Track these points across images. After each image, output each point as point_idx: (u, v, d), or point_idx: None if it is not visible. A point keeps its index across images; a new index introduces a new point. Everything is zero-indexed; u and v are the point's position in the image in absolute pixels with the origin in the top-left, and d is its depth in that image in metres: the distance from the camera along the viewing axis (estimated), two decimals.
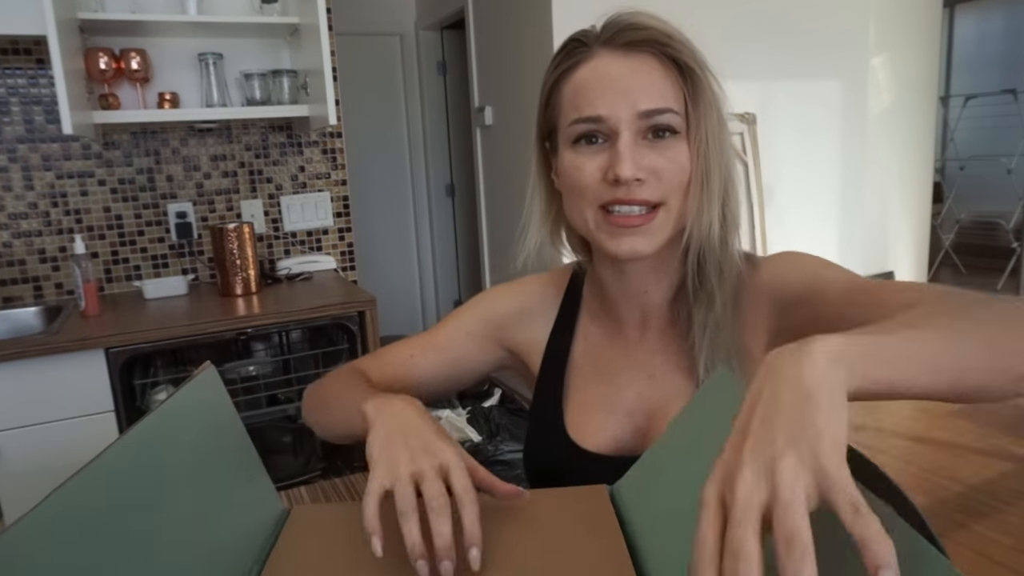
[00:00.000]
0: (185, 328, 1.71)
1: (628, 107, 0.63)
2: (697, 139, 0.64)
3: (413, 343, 0.85)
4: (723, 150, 0.66)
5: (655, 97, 0.63)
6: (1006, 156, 5.28)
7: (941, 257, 5.38)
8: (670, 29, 0.65)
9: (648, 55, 0.64)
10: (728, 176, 0.67)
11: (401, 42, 3.81)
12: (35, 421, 1.61)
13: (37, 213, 2.07)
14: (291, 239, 2.39)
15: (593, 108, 0.64)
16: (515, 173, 2.86)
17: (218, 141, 2.26)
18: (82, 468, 0.40)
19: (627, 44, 0.64)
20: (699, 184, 0.65)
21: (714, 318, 0.68)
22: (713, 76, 0.66)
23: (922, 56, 3.87)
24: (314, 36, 1.95)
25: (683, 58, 0.64)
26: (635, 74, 0.64)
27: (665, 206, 0.66)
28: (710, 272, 0.69)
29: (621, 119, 0.63)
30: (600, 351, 0.78)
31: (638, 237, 0.65)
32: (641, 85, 0.63)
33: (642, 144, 0.64)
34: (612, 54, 0.65)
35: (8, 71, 2.00)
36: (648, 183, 0.64)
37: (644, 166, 0.64)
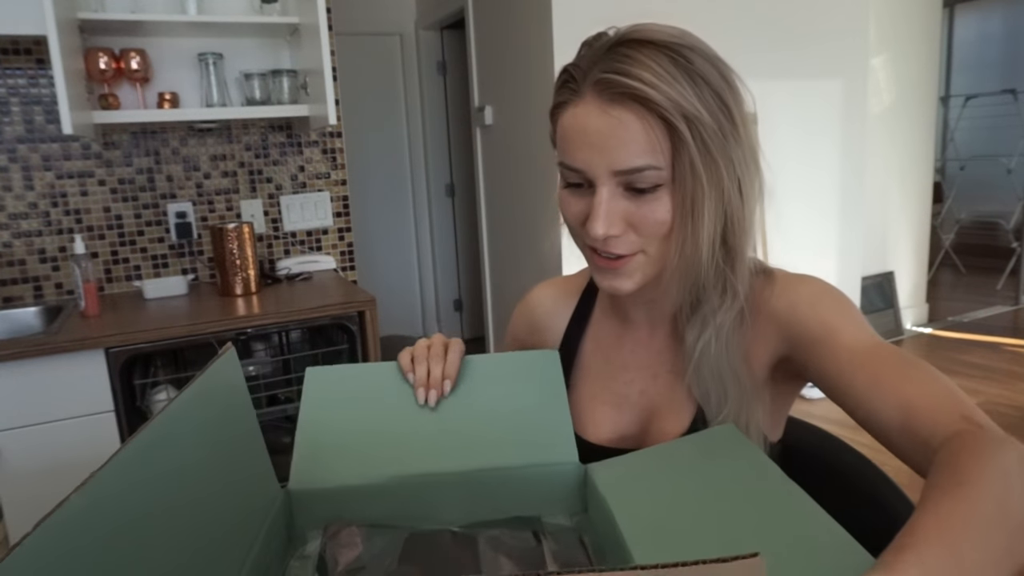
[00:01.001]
0: (185, 328, 1.71)
1: (604, 165, 0.62)
2: (682, 189, 0.62)
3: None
4: (721, 186, 0.63)
5: (632, 155, 0.61)
6: (1006, 156, 5.28)
7: (941, 257, 5.39)
8: (663, 75, 0.60)
9: (630, 111, 0.61)
10: (729, 209, 0.64)
11: (401, 42, 3.81)
12: (35, 421, 1.61)
13: (37, 213, 2.07)
14: (291, 239, 2.39)
15: (573, 159, 0.65)
16: (515, 173, 2.86)
17: (218, 141, 2.26)
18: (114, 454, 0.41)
19: (612, 96, 0.61)
20: (686, 226, 0.63)
21: (704, 340, 0.69)
22: (722, 102, 0.62)
23: (922, 56, 3.86)
24: (314, 36, 1.95)
25: (666, 114, 0.60)
26: (613, 131, 0.61)
27: (644, 252, 0.66)
28: (707, 299, 0.69)
29: (598, 174, 0.63)
30: (610, 347, 0.80)
31: (618, 278, 0.67)
32: (619, 143, 0.61)
33: (620, 196, 0.64)
34: (596, 102, 0.62)
35: (8, 71, 2.00)
36: (624, 236, 0.64)
37: (619, 220, 0.64)
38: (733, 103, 0.63)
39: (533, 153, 2.66)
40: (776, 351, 0.69)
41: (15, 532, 1.61)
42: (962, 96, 5.53)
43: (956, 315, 4.34)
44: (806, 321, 0.65)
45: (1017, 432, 2.71)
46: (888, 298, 3.95)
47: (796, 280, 0.70)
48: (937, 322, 4.20)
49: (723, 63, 0.64)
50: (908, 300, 4.08)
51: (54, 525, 0.34)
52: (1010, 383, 3.21)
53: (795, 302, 0.67)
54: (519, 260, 2.92)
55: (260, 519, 0.59)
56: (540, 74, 2.51)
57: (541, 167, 2.61)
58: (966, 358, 3.56)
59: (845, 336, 0.62)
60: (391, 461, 0.66)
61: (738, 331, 0.69)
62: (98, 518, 0.37)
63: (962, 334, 3.97)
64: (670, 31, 0.62)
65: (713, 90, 0.61)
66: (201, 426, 0.52)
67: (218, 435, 0.54)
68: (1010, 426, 2.76)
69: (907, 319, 4.07)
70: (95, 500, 0.37)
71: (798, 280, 0.70)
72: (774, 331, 0.68)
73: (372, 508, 0.64)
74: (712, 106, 0.61)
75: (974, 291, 4.93)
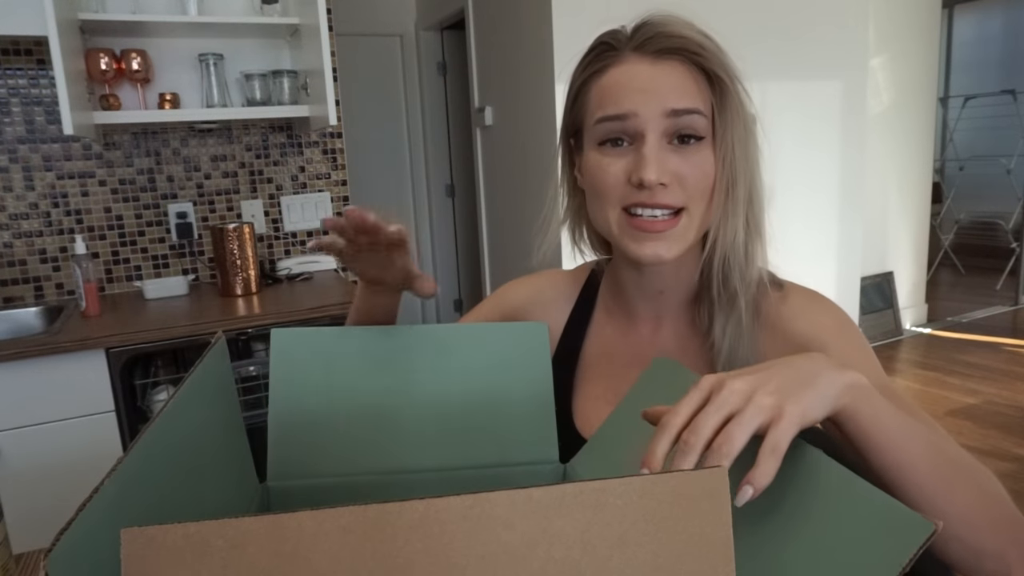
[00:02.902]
0: (185, 328, 1.72)
1: (656, 105, 0.63)
2: (723, 146, 0.64)
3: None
4: (748, 159, 0.65)
5: (683, 98, 0.63)
6: (1005, 156, 5.28)
7: (940, 257, 5.39)
8: (703, 39, 0.64)
9: (677, 62, 0.64)
10: (753, 185, 0.66)
11: (401, 42, 3.81)
12: (35, 421, 1.61)
13: (38, 213, 2.08)
14: (291, 239, 2.39)
15: (619, 106, 0.64)
16: (515, 173, 2.86)
17: (218, 141, 2.27)
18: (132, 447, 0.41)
19: (657, 51, 0.64)
20: (723, 191, 0.65)
21: (735, 320, 0.68)
22: (743, 88, 0.66)
23: (921, 57, 3.87)
24: (314, 36, 1.95)
25: (712, 67, 0.63)
26: (664, 76, 0.63)
27: (687, 211, 0.65)
28: (734, 278, 0.68)
29: (648, 118, 0.63)
30: (612, 346, 0.78)
31: (660, 242, 0.65)
32: (670, 85, 0.63)
33: (667, 148, 0.64)
34: (641, 59, 0.64)
35: (9, 71, 2.00)
36: (672, 188, 0.64)
37: (668, 170, 0.64)
38: (745, 94, 0.66)
39: (533, 153, 2.67)
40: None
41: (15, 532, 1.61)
42: (961, 96, 5.53)
43: (955, 315, 4.34)
44: (809, 343, 0.64)
45: (1017, 432, 2.71)
46: (887, 298, 3.96)
47: (814, 303, 0.69)
48: (936, 322, 4.20)
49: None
50: (907, 300, 4.09)
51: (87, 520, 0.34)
52: (1009, 383, 3.21)
53: (816, 329, 0.66)
54: (519, 260, 2.92)
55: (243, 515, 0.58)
56: (540, 74, 2.51)
57: (541, 167, 2.61)
58: (965, 358, 3.57)
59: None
60: (368, 452, 0.64)
61: (754, 327, 0.68)
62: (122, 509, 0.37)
63: (961, 334, 3.97)
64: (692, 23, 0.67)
65: (735, 71, 0.65)
66: (198, 424, 0.51)
67: (211, 432, 0.54)
68: (1010, 426, 2.76)
69: (906, 319, 4.07)
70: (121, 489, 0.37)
71: (816, 304, 0.69)
72: (779, 341, 0.67)
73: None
74: (736, 77, 0.65)
75: (973, 291, 4.93)
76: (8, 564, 0.69)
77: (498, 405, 0.67)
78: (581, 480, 0.32)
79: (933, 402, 3.07)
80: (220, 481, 0.55)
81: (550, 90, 2.45)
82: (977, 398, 3.07)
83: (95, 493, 0.34)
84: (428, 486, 0.64)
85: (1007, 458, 2.52)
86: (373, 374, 0.66)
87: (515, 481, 0.65)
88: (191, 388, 0.50)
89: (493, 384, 0.67)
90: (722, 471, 0.34)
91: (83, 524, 0.33)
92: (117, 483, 0.37)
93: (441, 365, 0.67)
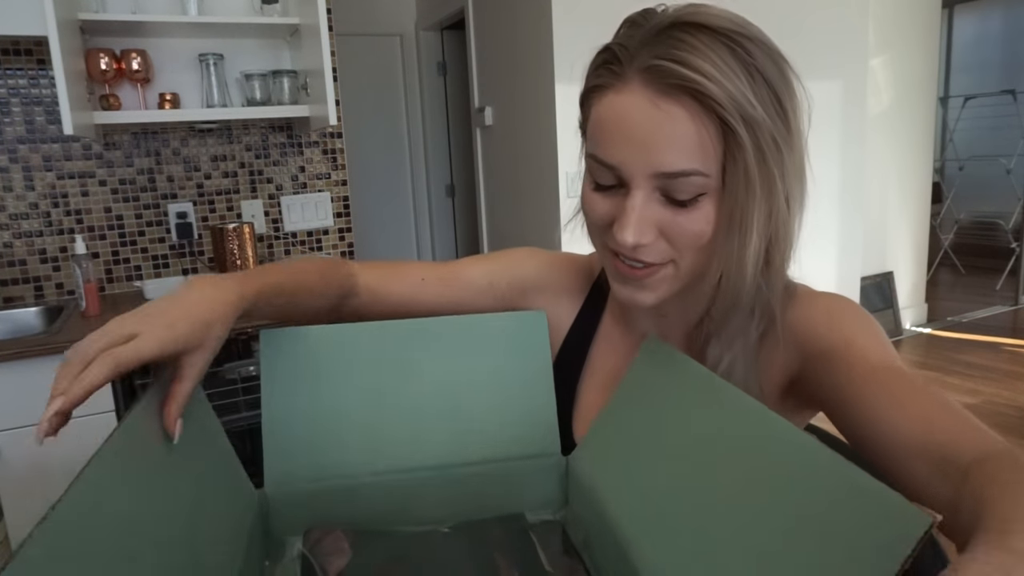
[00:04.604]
0: None
1: (645, 164, 0.55)
2: (732, 201, 0.55)
3: (427, 268, 0.79)
4: (772, 208, 0.56)
5: (679, 157, 0.54)
6: (1005, 156, 5.28)
7: (940, 257, 5.39)
8: (726, 71, 0.52)
9: (684, 106, 0.53)
10: (776, 224, 0.57)
11: (401, 42, 3.81)
12: (35, 421, 1.59)
13: (38, 213, 2.08)
14: (291, 239, 2.39)
15: (607, 154, 0.56)
16: (515, 173, 2.86)
17: (218, 141, 2.27)
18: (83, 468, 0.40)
19: (665, 86, 0.53)
20: (732, 242, 0.56)
21: (729, 360, 0.63)
22: (778, 123, 0.55)
23: (921, 57, 3.87)
24: (314, 36, 1.95)
25: (725, 114, 0.52)
26: (660, 127, 0.53)
27: (675, 263, 0.59)
28: (738, 315, 0.62)
29: (635, 173, 0.55)
30: (618, 357, 0.74)
31: (641, 290, 0.61)
32: (666, 142, 0.54)
33: (656, 202, 0.56)
34: (643, 92, 0.54)
35: (9, 71, 2.00)
36: (655, 245, 0.57)
37: (653, 225, 0.56)
38: (790, 106, 0.56)
39: (533, 153, 2.67)
40: (790, 370, 0.64)
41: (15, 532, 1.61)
42: (961, 96, 5.53)
43: (955, 315, 4.34)
44: (825, 339, 0.60)
45: (1017, 432, 2.71)
46: (887, 298, 3.96)
47: (815, 297, 0.65)
48: (936, 322, 4.20)
49: (783, 58, 0.57)
50: (907, 300, 4.09)
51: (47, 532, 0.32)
52: (1009, 383, 3.21)
53: (811, 315, 0.63)
54: None
55: (240, 526, 0.56)
56: (540, 74, 2.51)
57: (541, 167, 2.61)
58: (965, 358, 3.57)
59: (865, 350, 0.58)
60: (365, 452, 0.62)
61: (761, 351, 0.64)
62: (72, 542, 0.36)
63: (961, 334, 3.97)
64: (730, 17, 0.55)
65: (772, 89, 0.54)
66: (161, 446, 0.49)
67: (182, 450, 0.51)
68: (1010, 426, 2.76)
69: (906, 319, 4.07)
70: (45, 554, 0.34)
71: (817, 298, 0.65)
72: (791, 348, 0.63)
73: (350, 510, 0.61)
74: (770, 108, 0.54)
75: (973, 291, 4.93)
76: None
77: (497, 399, 0.65)
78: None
79: None
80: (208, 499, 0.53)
81: (550, 90, 2.45)
82: (977, 398, 3.07)
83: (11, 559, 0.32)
84: (428, 485, 0.63)
85: None
86: (367, 371, 0.64)
87: (516, 477, 0.65)
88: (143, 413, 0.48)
89: (492, 377, 0.66)
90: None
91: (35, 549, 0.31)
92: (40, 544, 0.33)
93: (437, 359, 0.65)
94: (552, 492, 0.65)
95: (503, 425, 0.65)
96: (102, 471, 0.41)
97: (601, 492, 0.57)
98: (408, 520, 0.62)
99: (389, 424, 0.64)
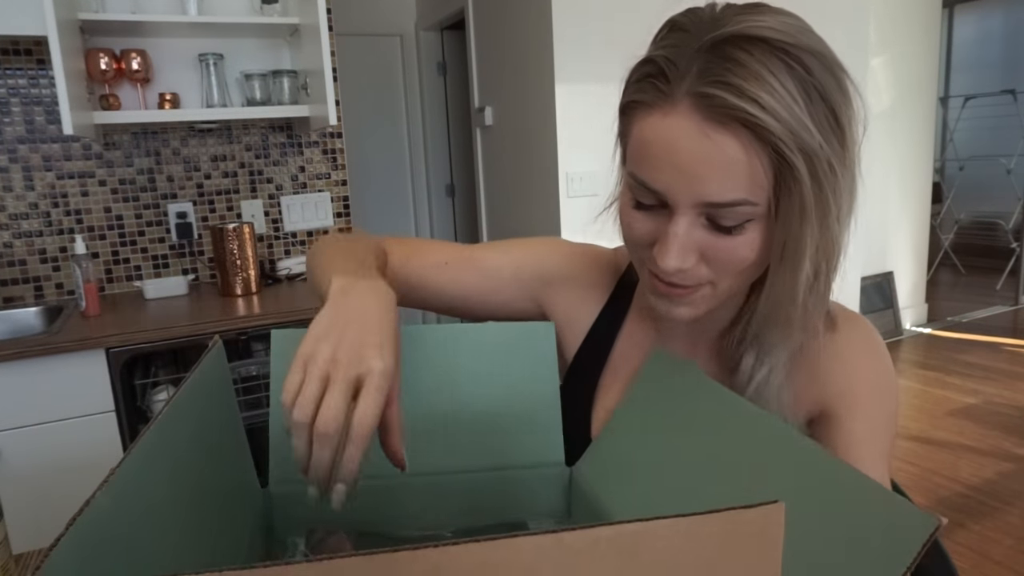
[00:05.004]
0: (185, 328, 1.72)
1: (691, 193, 0.52)
2: (785, 231, 0.53)
3: (451, 251, 0.76)
4: (824, 224, 0.53)
5: (727, 189, 0.51)
6: (1005, 156, 5.28)
7: (940, 257, 5.39)
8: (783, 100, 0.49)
9: (734, 137, 0.49)
10: (830, 239, 0.54)
11: (401, 42, 3.81)
12: (35, 421, 1.61)
13: (38, 213, 2.08)
14: (291, 239, 2.39)
15: (651, 179, 0.53)
16: (515, 173, 2.86)
17: (218, 141, 2.26)
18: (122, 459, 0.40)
19: (716, 116, 0.49)
20: (784, 271, 0.55)
21: (763, 373, 0.61)
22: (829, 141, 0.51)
23: (922, 56, 3.87)
24: (314, 36, 1.95)
25: (781, 147, 0.49)
26: (709, 158, 0.50)
27: (713, 285, 0.57)
28: (777, 336, 0.60)
29: (680, 201, 0.53)
30: (642, 357, 0.72)
31: (679, 307, 0.59)
32: (714, 173, 0.50)
33: (699, 226, 0.54)
34: (693, 119, 0.50)
35: (9, 71, 2.00)
36: (695, 269, 0.55)
37: (694, 250, 0.54)
38: (846, 121, 0.53)
39: (533, 153, 2.67)
40: (811, 411, 0.65)
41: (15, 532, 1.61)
42: (961, 96, 5.53)
43: (955, 315, 4.34)
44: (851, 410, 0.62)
45: (1017, 432, 2.70)
46: (887, 298, 3.95)
47: (861, 346, 0.65)
48: (936, 322, 4.20)
49: (840, 67, 0.53)
50: (907, 300, 4.09)
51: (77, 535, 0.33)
52: (1009, 383, 3.21)
53: (851, 381, 0.63)
54: None
55: (244, 523, 0.56)
56: (540, 74, 2.51)
57: (541, 167, 2.61)
58: (965, 358, 3.57)
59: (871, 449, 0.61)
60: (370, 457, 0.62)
61: (797, 366, 0.63)
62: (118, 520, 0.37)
63: (961, 334, 3.97)
64: (787, 23, 0.51)
65: (829, 108, 0.51)
66: (196, 428, 0.50)
67: (210, 437, 0.52)
68: (1010, 426, 2.76)
69: (906, 319, 4.07)
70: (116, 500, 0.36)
71: (862, 348, 0.65)
72: (819, 393, 0.63)
73: (353, 512, 0.59)
74: (827, 130, 0.51)
75: (973, 291, 4.93)
76: (8, 564, 0.69)
77: (502, 407, 0.65)
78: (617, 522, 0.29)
79: (933, 402, 3.07)
80: (221, 490, 0.54)
81: (550, 90, 2.45)
82: (977, 398, 3.07)
83: (86, 506, 0.33)
84: (431, 490, 0.63)
85: (1007, 458, 2.52)
86: None
87: (519, 485, 0.65)
88: (187, 395, 0.49)
89: (497, 385, 0.66)
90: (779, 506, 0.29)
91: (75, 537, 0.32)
92: (110, 495, 0.36)
93: (444, 366, 0.65)
94: (555, 501, 0.65)
95: (507, 433, 0.65)
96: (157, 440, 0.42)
97: (604, 502, 0.57)
98: (411, 524, 0.62)
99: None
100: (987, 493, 2.30)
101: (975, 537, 2.06)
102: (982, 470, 2.45)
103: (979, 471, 2.44)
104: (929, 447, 2.65)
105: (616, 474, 0.59)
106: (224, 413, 0.57)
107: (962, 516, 2.17)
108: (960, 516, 2.17)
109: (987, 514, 2.17)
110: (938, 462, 2.53)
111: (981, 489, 2.33)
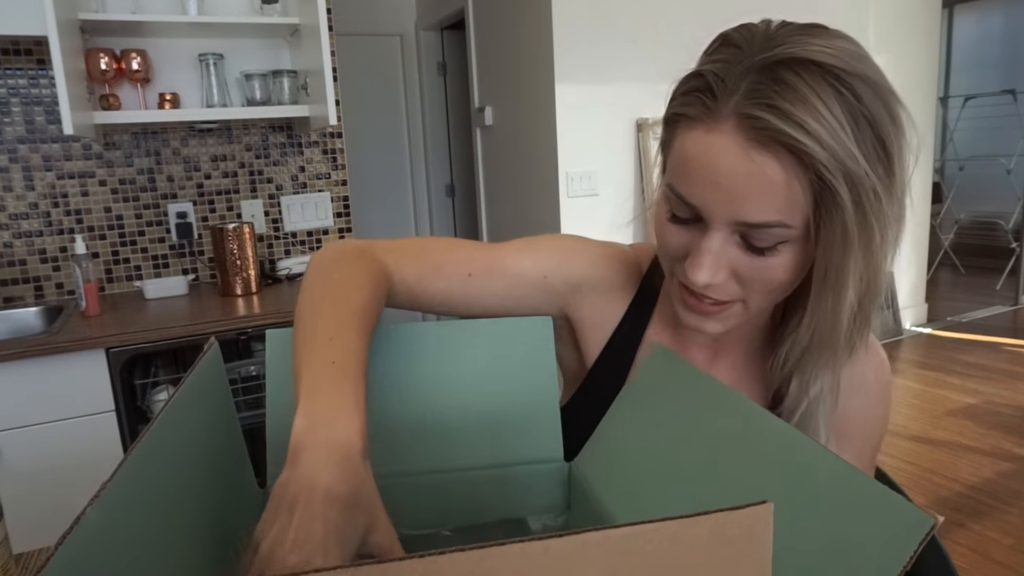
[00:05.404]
0: (185, 328, 1.72)
1: (727, 211, 0.52)
2: (827, 257, 0.53)
3: (475, 259, 0.69)
4: (868, 250, 0.52)
5: (764, 210, 0.51)
6: (1005, 156, 5.28)
7: (940, 257, 5.39)
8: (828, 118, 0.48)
9: (776, 160, 0.49)
10: (874, 267, 0.54)
11: (401, 42, 3.81)
12: (35, 421, 1.61)
13: (38, 213, 2.08)
14: (291, 239, 2.39)
15: (690, 193, 0.54)
16: (515, 173, 2.86)
17: (218, 141, 2.27)
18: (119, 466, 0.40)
19: (761, 137, 0.49)
20: (826, 297, 0.55)
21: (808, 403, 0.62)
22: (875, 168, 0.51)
23: (921, 56, 3.87)
24: (314, 36, 1.95)
25: (825, 173, 0.49)
26: (750, 179, 0.50)
27: (744, 303, 0.58)
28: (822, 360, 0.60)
29: (715, 218, 0.53)
30: None
31: (707, 320, 0.59)
32: (753, 194, 0.51)
33: (732, 244, 0.54)
34: (737, 139, 0.50)
35: (9, 71, 2.00)
36: (725, 285, 0.56)
37: (726, 267, 0.55)
38: (895, 150, 0.52)
39: (533, 153, 2.67)
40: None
41: (15, 532, 1.61)
42: (961, 96, 5.53)
43: (955, 315, 4.34)
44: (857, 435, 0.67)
45: (1017, 432, 2.70)
46: (887, 298, 3.96)
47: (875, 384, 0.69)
48: (936, 322, 4.20)
49: (894, 96, 0.53)
50: (907, 300, 4.09)
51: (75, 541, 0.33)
52: (1009, 383, 3.21)
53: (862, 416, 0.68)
54: None
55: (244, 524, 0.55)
56: (540, 74, 2.51)
57: (541, 167, 2.61)
58: (965, 358, 3.57)
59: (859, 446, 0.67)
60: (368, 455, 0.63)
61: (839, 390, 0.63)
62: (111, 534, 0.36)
63: (961, 334, 3.97)
64: (842, 48, 0.52)
65: (877, 135, 0.51)
66: (192, 433, 0.50)
67: (207, 441, 0.52)
68: (1010, 426, 2.76)
69: (906, 319, 4.07)
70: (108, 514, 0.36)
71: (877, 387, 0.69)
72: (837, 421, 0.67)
73: None
74: (873, 158, 0.50)
75: (973, 291, 4.93)
76: (8, 564, 0.69)
77: (500, 404, 0.65)
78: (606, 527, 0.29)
79: (933, 402, 3.07)
80: (218, 493, 0.54)
81: (550, 90, 2.45)
82: (977, 398, 3.07)
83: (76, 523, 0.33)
84: (430, 488, 0.63)
85: (1007, 458, 2.52)
86: (371, 374, 0.64)
87: (518, 481, 0.65)
88: (183, 399, 0.49)
89: (496, 382, 0.65)
90: (767, 507, 0.30)
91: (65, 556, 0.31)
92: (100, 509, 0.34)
93: (442, 362, 0.64)
94: (554, 497, 0.65)
95: (506, 429, 0.65)
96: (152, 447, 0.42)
97: (603, 498, 0.57)
98: (410, 522, 0.62)
99: (392, 426, 0.64)
100: (987, 493, 2.30)
101: (975, 537, 2.06)
102: (982, 470, 2.45)
103: (979, 471, 2.44)
104: (929, 447, 2.65)
105: (615, 469, 0.59)
106: (221, 416, 0.56)
107: (961, 516, 2.17)
108: (959, 516, 2.17)
109: (987, 514, 2.18)
110: (938, 462, 2.53)
111: (980, 489, 2.33)
